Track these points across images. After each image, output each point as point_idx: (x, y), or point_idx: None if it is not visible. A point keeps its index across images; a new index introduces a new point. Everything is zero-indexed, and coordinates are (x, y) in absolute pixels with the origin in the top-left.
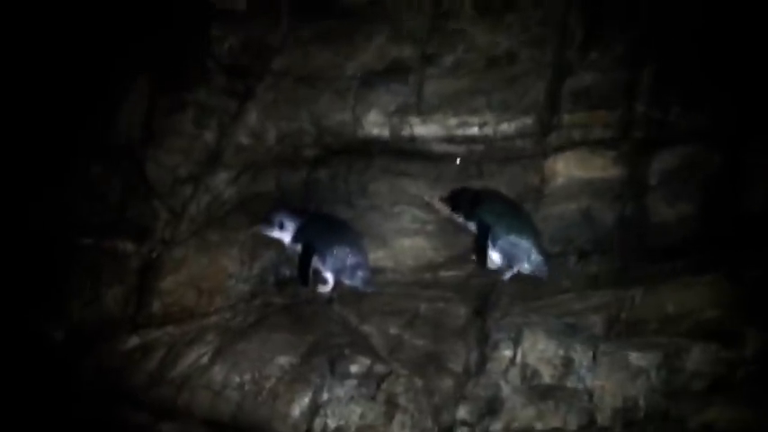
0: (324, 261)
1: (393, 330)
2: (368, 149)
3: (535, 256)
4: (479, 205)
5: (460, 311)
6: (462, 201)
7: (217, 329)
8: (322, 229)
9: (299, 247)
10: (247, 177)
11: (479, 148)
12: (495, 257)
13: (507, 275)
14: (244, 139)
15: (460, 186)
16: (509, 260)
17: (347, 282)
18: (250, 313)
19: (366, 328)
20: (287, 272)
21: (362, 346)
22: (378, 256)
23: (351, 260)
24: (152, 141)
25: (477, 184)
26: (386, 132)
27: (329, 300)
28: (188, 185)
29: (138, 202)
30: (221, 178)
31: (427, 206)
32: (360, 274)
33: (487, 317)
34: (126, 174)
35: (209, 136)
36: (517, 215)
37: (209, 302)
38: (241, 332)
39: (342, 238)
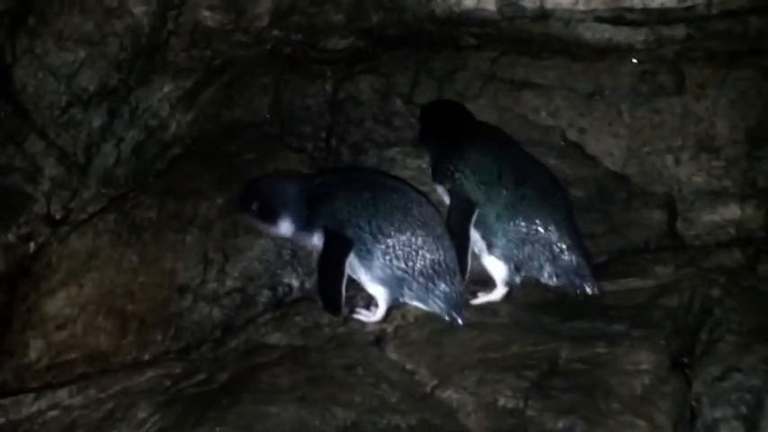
0: (369, 265)
1: (506, 402)
2: (453, 36)
3: (571, 258)
4: (458, 156)
5: (641, 360)
6: (432, 141)
7: (153, 400)
8: (363, 203)
9: (316, 239)
10: (214, 93)
11: (679, 33)
12: (492, 264)
13: (494, 293)
14: (207, 15)
15: (442, 103)
16: (516, 265)
17: (417, 304)
18: (221, 366)
19: (451, 397)
20: (294, 281)
21: None
22: None
23: (424, 262)
24: (26, 22)
25: (662, 103)
26: (491, 4)
27: (377, 340)
28: (97, 109)
29: None
30: (162, 93)
31: None
32: (443, 289)
33: (694, 373)
34: None
35: (141, 9)
36: (535, 180)
37: (139, 343)
38: (203, 406)
39: (404, 219)
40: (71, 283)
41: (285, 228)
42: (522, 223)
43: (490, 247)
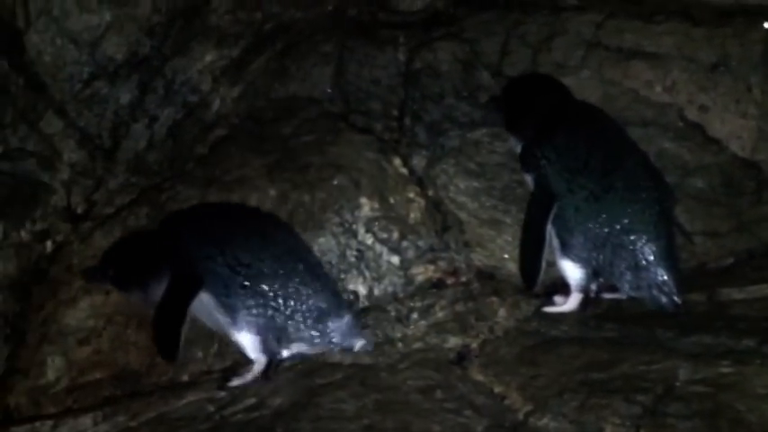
0: (229, 305)
1: (614, 431)
2: None
3: (657, 270)
4: (546, 140)
5: None
6: (519, 123)
7: (193, 429)
8: (214, 231)
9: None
10: (265, 63)
11: None
12: (566, 266)
13: (567, 303)
14: None
15: (531, 77)
16: (594, 270)
17: (305, 350)
18: (274, 389)
19: (548, 425)
20: (360, 288)
21: None
22: None
23: (301, 296)
24: None
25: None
26: None
27: (460, 357)
28: (125, 82)
29: (4, 123)
30: (203, 64)
31: None
32: (334, 325)
33: None
34: None
35: None
36: (630, 170)
37: (184, 357)
38: None
39: (266, 245)
40: (95, 290)
41: (151, 292)
42: (605, 220)
43: (565, 247)
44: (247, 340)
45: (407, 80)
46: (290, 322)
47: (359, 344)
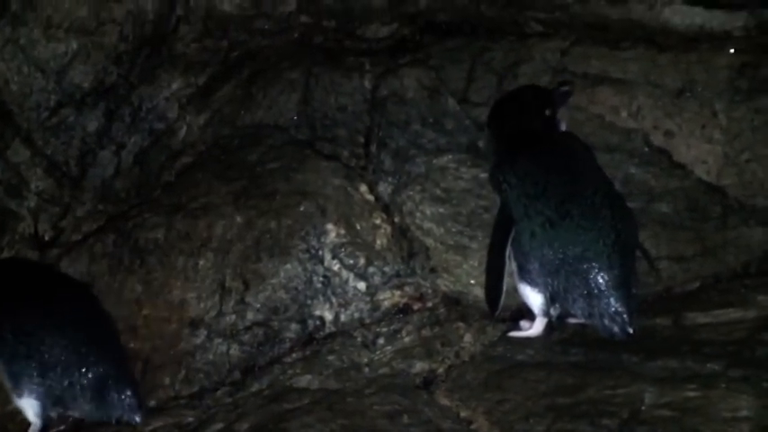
0: (17, 380)
1: None
2: (516, 22)
3: (609, 299)
4: (510, 164)
5: (740, 405)
6: (491, 141)
7: None
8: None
9: None
10: (231, 91)
11: None
12: (524, 291)
13: (533, 328)
14: None
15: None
16: (556, 299)
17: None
18: (241, 414)
19: None
20: (326, 314)
21: None
22: None
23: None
24: (9, 6)
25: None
26: None
27: (426, 382)
28: (92, 110)
29: None
30: (170, 91)
31: None
32: (116, 396)
33: None
34: None
35: None
36: (588, 197)
37: (144, 387)
38: None
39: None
40: None
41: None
42: (559, 247)
43: (522, 271)
44: (27, 405)
45: (373, 107)
46: (66, 393)
47: (138, 418)
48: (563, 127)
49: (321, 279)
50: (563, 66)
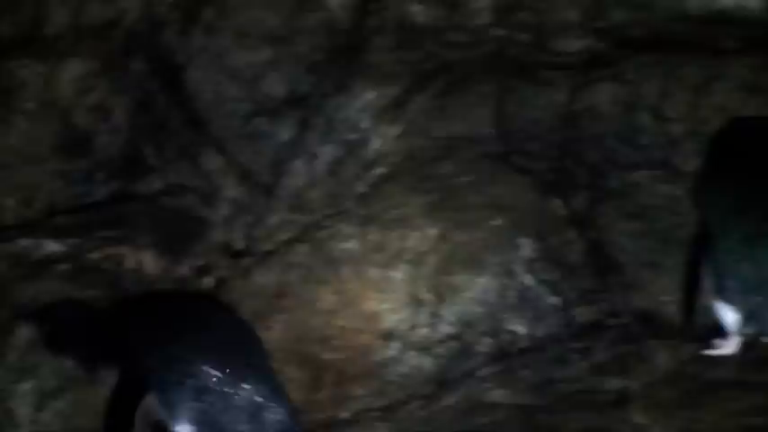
0: (171, 407)
1: None
2: (711, 38)
3: None
4: (711, 175)
5: None
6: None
7: None
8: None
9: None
10: (425, 102)
11: None
12: (717, 306)
13: (727, 346)
14: (417, 9)
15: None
16: (754, 319)
17: None
18: (435, 427)
19: None
20: (520, 328)
21: None
22: None
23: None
24: (201, 15)
25: None
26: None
27: (621, 400)
28: (285, 119)
29: (166, 159)
30: (363, 102)
31: None
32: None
33: None
34: (144, 98)
35: (338, 1)
36: None
37: (336, 398)
38: None
39: (212, 347)
40: (256, 327)
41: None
42: (758, 264)
43: (718, 289)
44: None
45: (567, 121)
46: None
47: None
48: None
49: (515, 293)
50: (757, 83)
